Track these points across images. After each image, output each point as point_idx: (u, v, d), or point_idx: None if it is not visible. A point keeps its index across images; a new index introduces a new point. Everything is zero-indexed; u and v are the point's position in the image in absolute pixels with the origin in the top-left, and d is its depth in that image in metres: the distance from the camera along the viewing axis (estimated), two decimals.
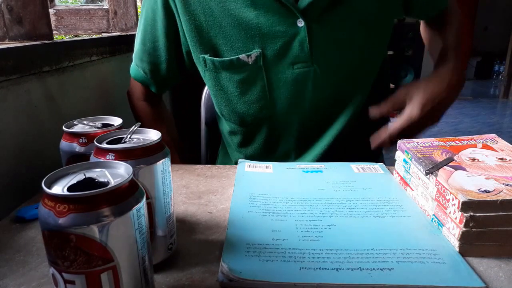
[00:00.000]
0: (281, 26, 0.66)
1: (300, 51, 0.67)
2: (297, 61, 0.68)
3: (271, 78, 0.70)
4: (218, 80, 0.73)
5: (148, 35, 0.75)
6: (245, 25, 0.67)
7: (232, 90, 0.72)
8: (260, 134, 0.77)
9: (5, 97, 0.59)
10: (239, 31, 0.67)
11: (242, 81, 0.71)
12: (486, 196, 0.41)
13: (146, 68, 0.78)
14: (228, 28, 0.68)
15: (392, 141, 0.64)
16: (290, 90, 0.71)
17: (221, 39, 0.69)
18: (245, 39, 0.68)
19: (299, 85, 0.70)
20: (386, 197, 0.54)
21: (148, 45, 0.75)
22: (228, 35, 0.68)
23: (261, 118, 0.74)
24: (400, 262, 0.39)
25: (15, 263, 0.41)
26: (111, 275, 0.29)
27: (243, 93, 0.72)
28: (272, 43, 0.67)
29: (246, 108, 0.73)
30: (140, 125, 0.41)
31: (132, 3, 1.19)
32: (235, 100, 0.73)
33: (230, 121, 0.78)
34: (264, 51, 0.68)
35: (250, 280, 0.37)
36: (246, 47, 0.68)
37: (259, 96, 0.71)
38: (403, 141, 0.58)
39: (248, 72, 0.70)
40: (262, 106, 0.72)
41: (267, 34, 0.67)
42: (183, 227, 0.48)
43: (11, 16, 0.73)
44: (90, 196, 0.27)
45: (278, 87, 0.71)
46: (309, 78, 0.70)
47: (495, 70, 6.68)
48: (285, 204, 0.52)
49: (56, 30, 1.13)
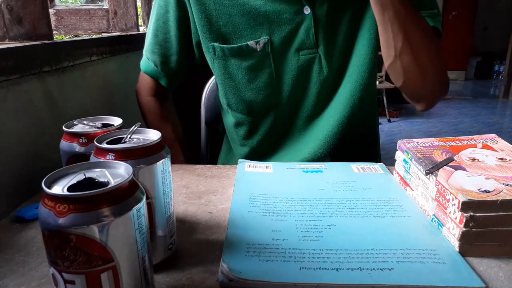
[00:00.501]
0: (288, 14, 0.69)
1: (306, 38, 0.70)
2: (303, 47, 0.71)
3: (278, 65, 0.73)
4: (226, 68, 0.75)
5: (160, 26, 0.77)
6: (254, 13, 0.70)
7: (241, 77, 0.75)
8: (265, 124, 0.79)
9: (5, 97, 0.59)
10: (247, 19, 0.71)
11: (250, 68, 0.73)
12: (486, 196, 0.41)
13: (157, 60, 0.80)
14: (237, 16, 0.71)
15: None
16: (296, 76, 0.73)
17: (230, 27, 0.72)
18: (253, 26, 0.71)
19: (304, 71, 0.73)
20: (386, 197, 0.54)
21: (160, 36, 0.78)
22: (237, 23, 0.71)
23: (268, 106, 0.76)
24: (400, 262, 0.39)
25: (15, 263, 0.41)
26: (111, 275, 0.29)
27: (251, 80, 0.74)
28: (279, 30, 0.70)
29: (254, 95, 0.75)
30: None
31: (132, 3, 1.19)
32: (243, 87, 0.75)
33: (237, 110, 0.80)
34: (271, 38, 0.71)
35: (250, 280, 0.37)
36: (254, 34, 0.71)
37: (267, 83, 0.74)
38: (403, 141, 0.58)
39: (256, 58, 0.72)
40: (269, 93, 0.75)
41: (275, 21, 0.70)
42: (183, 227, 0.48)
43: (11, 16, 0.73)
44: (90, 196, 0.27)
45: (285, 74, 0.73)
46: (315, 65, 0.72)
47: (495, 70, 6.68)
48: (285, 204, 0.52)
49: (56, 30, 1.13)
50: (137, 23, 1.23)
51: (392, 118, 4.18)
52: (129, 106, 0.94)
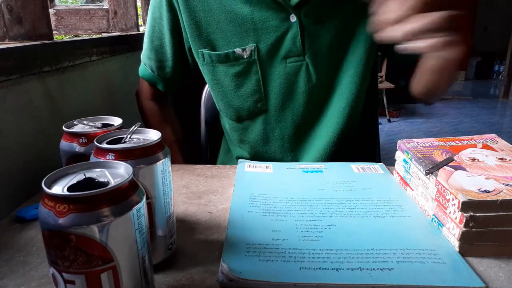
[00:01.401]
0: (275, 21, 0.69)
1: (292, 46, 0.70)
2: (289, 55, 0.71)
3: (265, 71, 0.73)
4: (215, 74, 0.75)
5: (155, 32, 0.78)
6: (240, 20, 0.70)
7: (228, 83, 0.75)
8: (254, 131, 0.78)
9: (5, 97, 0.59)
10: (234, 26, 0.71)
11: (237, 74, 0.73)
12: (486, 196, 0.41)
13: (153, 65, 0.81)
14: (224, 23, 0.71)
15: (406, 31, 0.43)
16: (284, 84, 0.73)
17: (218, 34, 0.72)
18: (240, 33, 0.71)
19: (292, 79, 0.72)
20: (386, 197, 0.54)
21: (155, 42, 0.79)
22: (225, 30, 0.71)
23: (255, 113, 0.76)
24: (400, 262, 0.39)
25: (15, 263, 0.41)
26: (111, 275, 0.29)
27: (238, 87, 0.74)
28: (266, 38, 0.70)
29: (241, 102, 0.75)
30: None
31: (132, 3, 1.19)
32: (230, 94, 0.76)
33: (227, 116, 0.80)
34: (258, 45, 0.71)
35: (250, 280, 0.37)
36: (241, 41, 0.71)
37: (254, 90, 0.74)
38: (403, 141, 0.58)
39: (243, 65, 0.72)
40: (257, 100, 0.75)
41: (261, 29, 0.70)
42: (183, 227, 0.48)
43: (11, 16, 0.73)
44: (90, 196, 0.27)
45: (272, 81, 0.73)
46: (301, 72, 0.72)
47: (495, 70, 6.68)
48: (285, 204, 0.52)
49: (56, 30, 1.13)
50: (137, 23, 1.23)
51: (392, 118, 4.18)
52: (129, 106, 0.94)
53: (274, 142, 0.78)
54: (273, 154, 0.79)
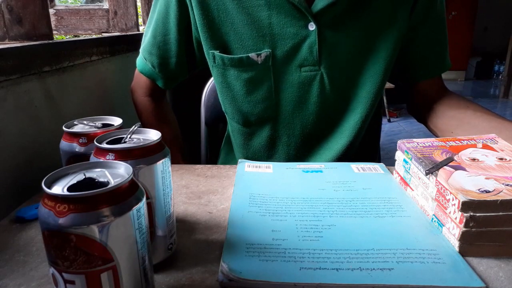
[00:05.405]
0: (292, 28, 0.67)
1: (308, 54, 0.68)
2: (305, 64, 0.69)
3: (278, 79, 0.70)
4: (225, 77, 0.73)
5: (160, 28, 0.75)
6: (257, 24, 0.68)
7: (239, 88, 0.73)
8: (261, 136, 0.77)
9: (5, 97, 0.59)
10: (250, 30, 0.68)
11: (249, 80, 0.71)
12: (486, 196, 0.41)
13: (154, 61, 0.78)
14: (240, 25, 0.68)
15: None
16: (296, 93, 0.71)
17: (232, 36, 0.70)
18: (256, 38, 0.68)
19: (305, 88, 0.71)
20: (386, 197, 0.54)
21: (158, 38, 0.76)
22: (240, 33, 0.69)
23: (264, 119, 0.75)
24: (400, 262, 0.39)
25: (15, 263, 0.41)
26: (111, 275, 0.29)
27: (249, 92, 0.72)
28: (282, 44, 0.68)
29: (251, 107, 0.74)
30: (141, 123, 0.41)
31: (132, 3, 1.19)
32: (240, 98, 0.74)
33: (233, 119, 0.79)
34: (273, 52, 0.68)
35: (250, 280, 0.37)
36: (256, 46, 0.69)
37: (265, 96, 0.72)
38: (403, 141, 0.58)
39: (256, 71, 0.70)
40: (267, 106, 0.73)
41: (278, 34, 0.67)
42: (183, 227, 0.48)
43: (11, 16, 0.73)
44: (90, 196, 0.27)
45: (285, 89, 0.71)
46: (315, 82, 0.70)
47: (495, 70, 6.68)
48: (285, 204, 0.52)
49: (56, 30, 1.13)
50: (137, 23, 1.23)
51: (392, 118, 4.18)
52: (129, 106, 0.94)
53: (280, 149, 0.77)
54: (277, 160, 0.78)
